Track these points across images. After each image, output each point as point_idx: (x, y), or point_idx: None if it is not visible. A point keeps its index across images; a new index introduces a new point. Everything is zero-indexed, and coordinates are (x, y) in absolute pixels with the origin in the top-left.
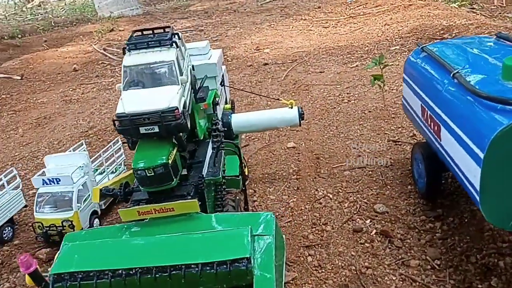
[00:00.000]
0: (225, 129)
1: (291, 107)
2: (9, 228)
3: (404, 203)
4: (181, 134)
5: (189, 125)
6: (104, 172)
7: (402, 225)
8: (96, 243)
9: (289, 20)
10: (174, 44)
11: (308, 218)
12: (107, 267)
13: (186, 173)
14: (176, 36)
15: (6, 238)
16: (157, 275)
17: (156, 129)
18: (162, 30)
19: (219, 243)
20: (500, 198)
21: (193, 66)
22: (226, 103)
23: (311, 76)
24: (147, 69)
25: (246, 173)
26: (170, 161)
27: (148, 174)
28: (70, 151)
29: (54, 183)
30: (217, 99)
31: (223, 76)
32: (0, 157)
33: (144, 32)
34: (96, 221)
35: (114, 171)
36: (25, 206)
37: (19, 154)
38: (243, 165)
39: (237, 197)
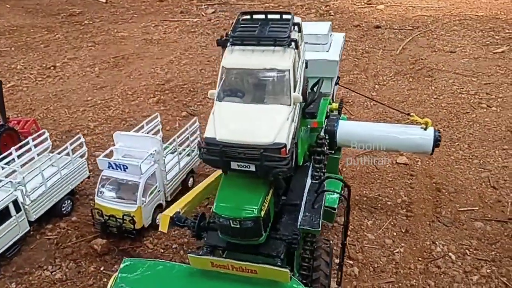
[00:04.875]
0: (327, 137)
1: (425, 128)
2: (69, 201)
3: None
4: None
5: (294, 162)
6: (175, 151)
7: None
8: None
9: None
10: (293, 43)
11: (418, 285)
12: None
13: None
14: (296, 27)
15: (64, 212)
16: None
17: (252, 168)
18: (278, 16)
19: None
20: None
21: (306, 63)
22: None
23: (437, 55)
24: (251, 76)
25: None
26: (262, 213)
27: (233, 225)
28: (143, 125)
29: (121, 170)
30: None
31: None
32: (73, 99)
33: (254, 17)
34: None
35: (188, 154)
36: (88, 177)
37: (92, 100)
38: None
39: (331, 246)
